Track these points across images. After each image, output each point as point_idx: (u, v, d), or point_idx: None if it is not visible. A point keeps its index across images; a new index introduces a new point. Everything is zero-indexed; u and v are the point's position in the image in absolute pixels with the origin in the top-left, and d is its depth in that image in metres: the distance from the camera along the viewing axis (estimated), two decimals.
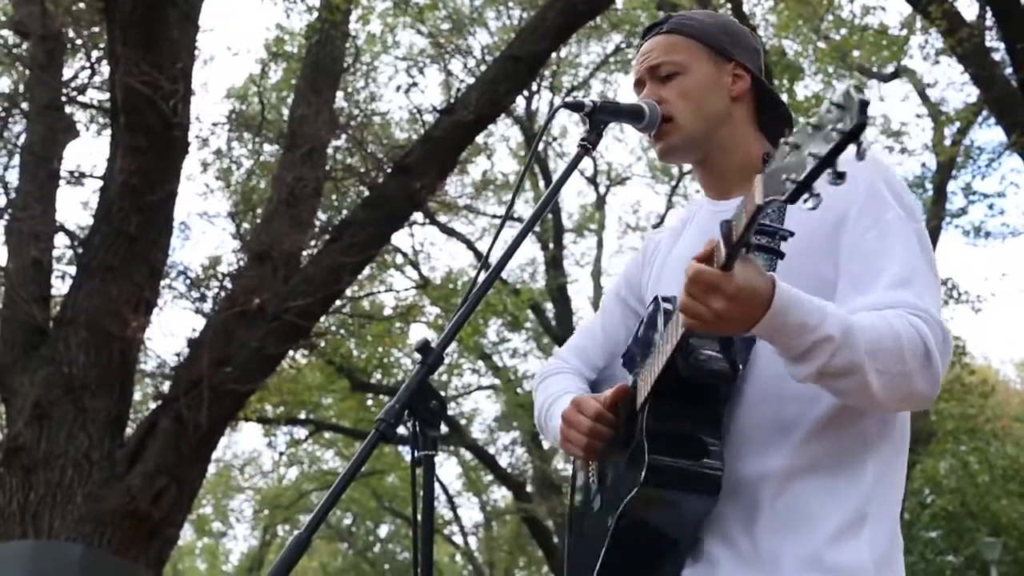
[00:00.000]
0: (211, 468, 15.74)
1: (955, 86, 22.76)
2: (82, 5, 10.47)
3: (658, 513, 2.10)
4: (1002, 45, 11.19)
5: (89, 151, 43.12)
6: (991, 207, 17.23)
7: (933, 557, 24.96)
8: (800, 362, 1.96)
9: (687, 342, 2.01)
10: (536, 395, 2.60)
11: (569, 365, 2.59)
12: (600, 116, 2.25)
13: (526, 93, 18.21)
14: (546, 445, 19.69)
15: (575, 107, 2.26)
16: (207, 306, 10.07)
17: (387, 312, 16.70)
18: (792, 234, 1.83)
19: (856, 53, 15.70)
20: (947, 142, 16.40)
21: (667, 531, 2.12)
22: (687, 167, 2.57)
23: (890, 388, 1.98)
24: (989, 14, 11.89)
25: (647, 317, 2.27)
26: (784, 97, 15.41)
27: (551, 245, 20.13)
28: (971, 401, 19.09)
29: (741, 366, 2.10)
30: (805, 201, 1.63)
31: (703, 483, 2.06)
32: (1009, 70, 10.96)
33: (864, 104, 1.54)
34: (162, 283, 9.69)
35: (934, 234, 16.62)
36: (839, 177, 1.58)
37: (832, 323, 1.93)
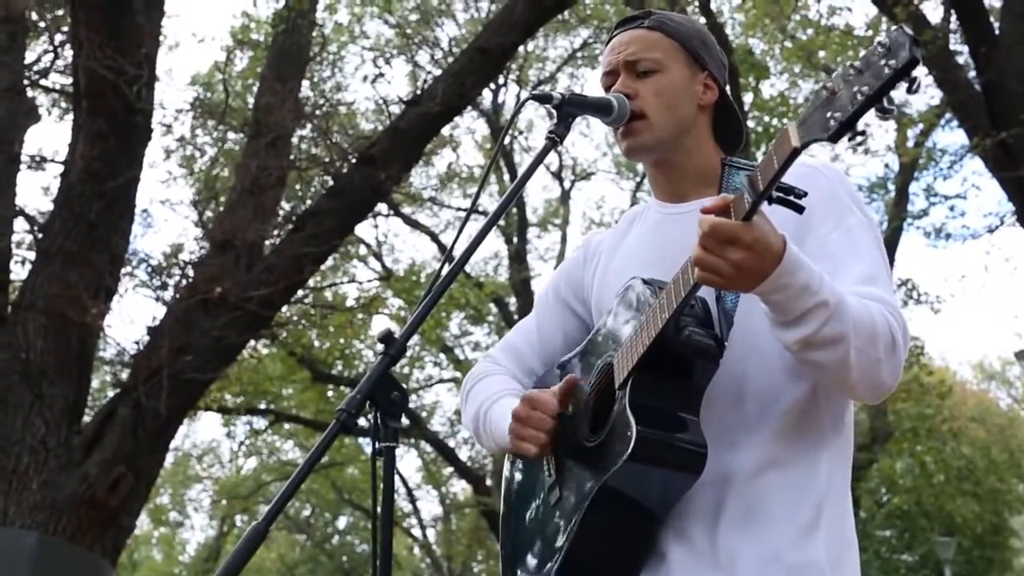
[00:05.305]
0: (169, 457, 15.67)
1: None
2: None
3: (639, 490, 2.06)
4: (966, 48, 11.29)
5: (51, 135, 42.94)
6: (952, 209, 17.44)
7: (888, 555, 25.17)
8: (793, 326, 1.95)
9: (679, 317, 2.00)
10: (467, 399, 2.52)
11: (501, 367, 2.53)
12: (569, 108, 2.23)
13: (493, 86, 18.25)
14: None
15: (543, 99, 2.24)
16: (168, 294, 10.00)
17: (349, 303, 16.63)
18: (806, 194, 1.82)
19: (822, 53, 15.78)
20: (910, 144, 16.51)
21: (645, 511, 2.09)
22: None
23: (863, 369, 1.98)
24: (954, 17, 11.99)
25: (620, 298, 2.24)
26: (749, 96, 15.53)
27: (515, 239, 20.13)
28: (928, 401, 19.25)
29: (726, 343, 2.09)
30: (850, 139, 1.66)
31: (690, 461, 2.03)
32: (972, 73, 11.05)
33: (915, 40, 1.58)
34: (123, 270, 9.63)
35: (895, 235, 16.75)
36: (886, 114, 1.61)
37: (828, 290, 1.93)
